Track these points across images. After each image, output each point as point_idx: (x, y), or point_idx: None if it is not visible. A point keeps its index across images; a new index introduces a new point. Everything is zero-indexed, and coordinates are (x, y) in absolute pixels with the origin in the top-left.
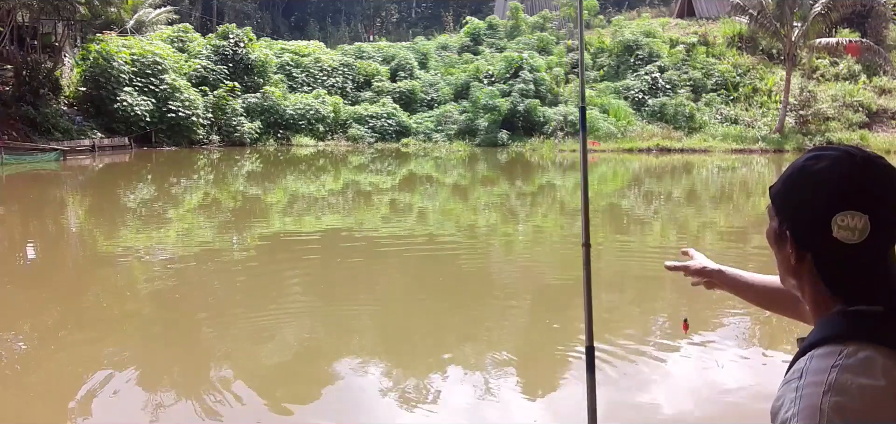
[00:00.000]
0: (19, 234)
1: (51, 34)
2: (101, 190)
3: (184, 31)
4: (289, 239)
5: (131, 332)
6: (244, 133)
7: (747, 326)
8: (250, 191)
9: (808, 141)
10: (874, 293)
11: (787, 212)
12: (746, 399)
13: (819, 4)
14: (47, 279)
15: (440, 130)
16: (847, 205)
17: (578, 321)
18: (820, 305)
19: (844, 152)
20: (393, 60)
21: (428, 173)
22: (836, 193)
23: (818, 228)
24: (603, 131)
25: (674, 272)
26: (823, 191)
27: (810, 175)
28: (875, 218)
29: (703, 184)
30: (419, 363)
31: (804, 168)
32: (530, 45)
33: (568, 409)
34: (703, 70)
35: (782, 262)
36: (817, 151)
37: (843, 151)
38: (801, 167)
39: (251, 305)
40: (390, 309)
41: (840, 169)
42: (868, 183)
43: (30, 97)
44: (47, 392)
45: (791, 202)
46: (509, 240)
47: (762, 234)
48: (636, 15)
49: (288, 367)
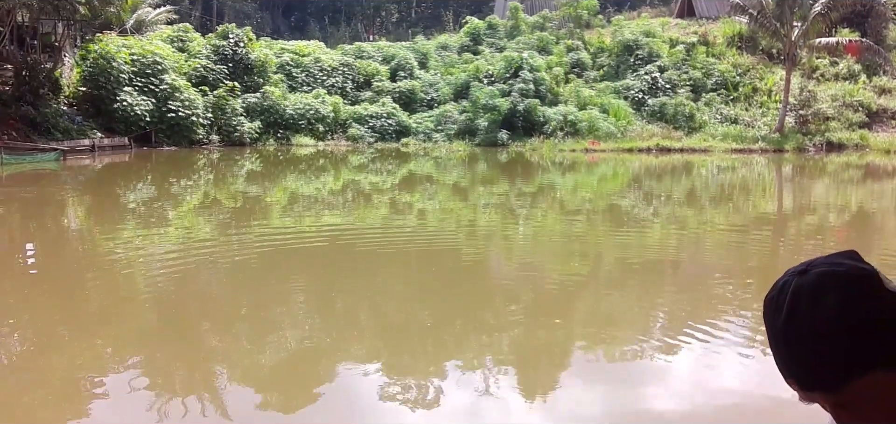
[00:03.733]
0: (19, 234)
1: (51, 34)
2: (101, 190)
3: (184, 30)
4: (289, 239)
5: (131, 332)
6: (244, 133)
7: (748, 326)
8: (250, 191)
9: (807, 141)
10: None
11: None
12: (747, 399)
13: (819, 4)
14: (47, 278)
15: (440, 129)
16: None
17: (578, 320)
18: None
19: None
20: (393, 60)
21: (428, 172)
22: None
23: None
24: (603, 131)
25: (675, 272)
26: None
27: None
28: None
29: (703, 184)
30: (419, 362)
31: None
32: (530, 45)
33: (568, 409)
34: (703, 70)
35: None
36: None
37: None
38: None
39: (251, 305)
40: (390, 309)
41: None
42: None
43: (30, 97)
44: (47, 392)
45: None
46: (509, 239)
47: (761, 232)
48: (636, 15)
49: (288, 367)
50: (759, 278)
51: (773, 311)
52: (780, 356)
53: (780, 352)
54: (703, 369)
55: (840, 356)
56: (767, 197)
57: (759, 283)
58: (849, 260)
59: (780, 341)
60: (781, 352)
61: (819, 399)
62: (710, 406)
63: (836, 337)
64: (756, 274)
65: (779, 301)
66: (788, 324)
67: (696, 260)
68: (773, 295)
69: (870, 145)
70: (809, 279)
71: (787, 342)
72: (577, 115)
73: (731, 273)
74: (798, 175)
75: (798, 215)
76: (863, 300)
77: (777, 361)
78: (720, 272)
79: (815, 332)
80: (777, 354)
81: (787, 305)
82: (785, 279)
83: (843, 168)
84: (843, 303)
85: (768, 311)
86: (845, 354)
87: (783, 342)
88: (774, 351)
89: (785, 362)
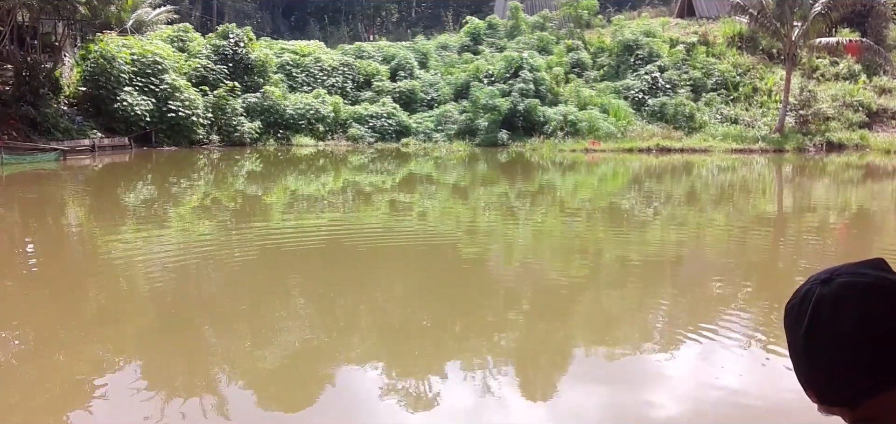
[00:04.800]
0: (19, 233)
1: (51, 34)
2: (102, 190)
3: (184, 30)
4: (289, 239)
5: (131, 332)
6: (244, 133)
7: (749, 325)
8: (250, 191)
9: (808, 141)
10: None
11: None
12: (747, 399)
13: (819, 4)
14: (47, 278)
15: (440, 129)
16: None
17: (578, 320)
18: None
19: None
20: (393, 60)
21: (428, 172)
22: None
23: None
24: (603, 131)
25: (675, 272)
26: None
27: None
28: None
29: (703, 184)
30: (419, 363)
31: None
32: (530, 44)
33: (568, 409)
34: (703, 70)
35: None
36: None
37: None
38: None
39: (251, 305)
40: (390, 309)
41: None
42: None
43: (30, 97)
44: (47, 392)
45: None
46: (509, 239)
47: (761, 232)
48: (636, 15)
49: (288, 367)
50: (759, 278)
51: (795, 320)
52: (800, 367)
53: (800, 363)
54: (703, 369)
55: (862, 370)
56: (767, 197)
57: (759, 283)
58: (874, 270)
59: (800, 351)
60: (801, 363)
61: (839, 412)
62: (711, 405)
63: (857, 350)
64: (756, 274)
65: (801, 310)
66: (809, 335)
67: (697, 260)
68: (794, 304)
69: (870, 145)
70: (832, 289)
71: (807, 354)
72: (577, 115)
73: (731, 273)
74: (798, 175)
75: (798, 214)
76: (886, 313)
77: (797, 371)
78: (720, 272)
79: (836, 344)
80: (797, 364)
81: (808, 315)
82: (808, 288)
83: (844, 168)
84: (865, 315)
85: (789, 320)
86: (867, 368)
87: (803, 352)
88: (794, 361)
89: (805, 373)
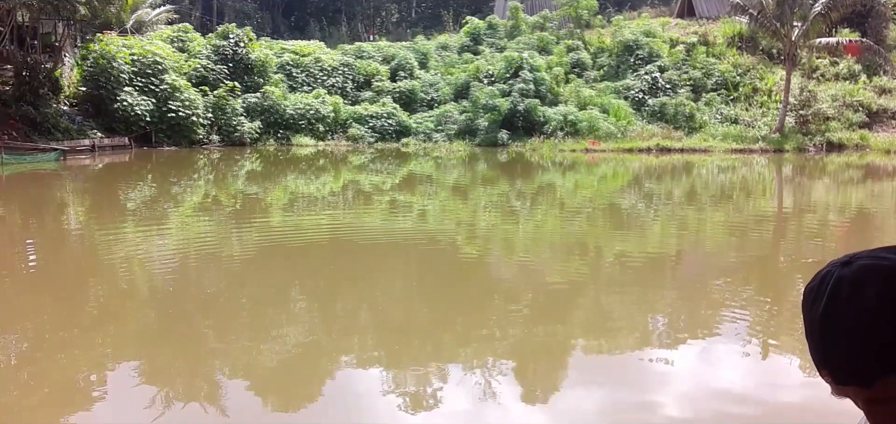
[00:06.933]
0: (19, 233)
1: (51, 34)
2: (102, 190)
3: (184, 30)
4: (289, 239)
5: (131, 332)
6: (244, 133)
7: (748, 325)
8: (250, 191)
9: (808, 141)
10: None
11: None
12: (748, 399)
13: (819, 4)
14: (47, 279)
15: (440, 129)
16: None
17: (578, 320)
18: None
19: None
20: (393, 60)
21: (428, 172)
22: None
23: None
24: (603, 131)
25: (675, 272)
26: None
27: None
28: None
29: (703, 184)
30: (419, 363)
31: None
32: (530, 45)
33: (568, 409)
34: (703, 70)
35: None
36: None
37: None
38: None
39: (251, 304)
40: (390, 309)
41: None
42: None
43: (30, 97)
44: (47, 392)
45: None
46: (509, 239)
47: (761, 232)
48: (636, 15)
49: (288, 367)
50: (759, 278)
51: (813, 300)
52: (815, 347)
53: (815, 342)
54: (703, 369)
55: (876, 351)
56: (767, 197)
57: (759, 283)
58: (893, 254)
59: (816, 331)
60: (817, 343)
61: (852, 393)
62: (710, 405)
63: (873, 331)
64: (756, 274)
65: (819, 291)
66: (826, 314)
67: (697, 260)
68: (813, 285)
69: (870, 145)
70: (852, 271)
71: (823, 333)
72: (577, 115)
73: (731, 273)
74: (798, 175)
75: (798, 214)
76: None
77: (812, 351)
78: (720, 272)
79: (852, 325)
80: (812, 344)
81: (827, 295)
82: (827, 270)
83: (844, 168)
84: (883, 297)
85: (807, 300)
86: (882, 349)
87: (820, 332)
88: (810, 342)
89: (820, 353)
